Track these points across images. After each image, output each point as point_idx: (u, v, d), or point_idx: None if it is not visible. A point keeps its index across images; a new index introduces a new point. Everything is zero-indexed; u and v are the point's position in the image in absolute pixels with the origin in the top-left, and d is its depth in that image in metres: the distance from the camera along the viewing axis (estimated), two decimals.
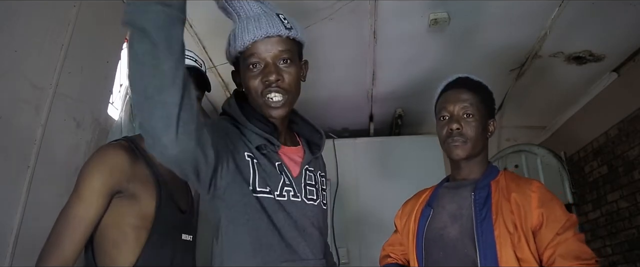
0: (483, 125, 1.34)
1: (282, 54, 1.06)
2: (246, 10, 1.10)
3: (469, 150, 1.30)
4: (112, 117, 2.13)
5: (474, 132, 1.30)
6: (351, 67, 2.89)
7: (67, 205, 1.08)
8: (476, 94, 1.36)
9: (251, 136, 1.05)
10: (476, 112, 1.32)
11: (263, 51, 1.04)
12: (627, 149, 2.87)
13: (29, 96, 1.55)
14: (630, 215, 2.87)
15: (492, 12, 2.35)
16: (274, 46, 1.05)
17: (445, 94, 1.39)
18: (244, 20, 1.09)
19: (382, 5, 2.29)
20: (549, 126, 3.87)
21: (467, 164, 1.35)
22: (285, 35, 1.07)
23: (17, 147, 1.50)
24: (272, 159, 1.06)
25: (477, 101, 1.34)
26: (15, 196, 1.48)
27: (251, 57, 1.05)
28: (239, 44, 1.06)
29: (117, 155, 1.13)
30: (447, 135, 1.32)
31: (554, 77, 3.05)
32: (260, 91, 1.04)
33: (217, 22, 2.43)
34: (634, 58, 2.79)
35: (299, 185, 1.09)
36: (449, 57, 2.82)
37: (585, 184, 3.36)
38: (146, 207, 1.13)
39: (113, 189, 1.10)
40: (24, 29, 1.53)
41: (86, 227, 1.06)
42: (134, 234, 1.10)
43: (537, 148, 3.48)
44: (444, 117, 1.35)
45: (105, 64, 2.03)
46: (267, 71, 1.04)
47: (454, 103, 1.34)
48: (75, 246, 1.04)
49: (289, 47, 1.08)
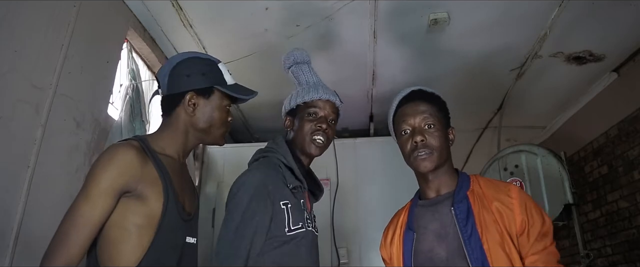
0: (445, 134, 1.32)
1: (332, 115, 1.52)
2: (315, 80, 1.57)
3: (436, 161, 1.27)
4: (112, 117, 2.13)
5: (439, 142, 1.28)
6: (351, 67, 2.89)
7: (74, 204, 1.07)
8: (433, 104, 1.35)
9: (291, 178, 1.39)
10: (436, 122, 1.31)
11: (322, 107, 1.50)
12: (627, 149, 2.87)
13: (29, 96, 1.55)
14: (630, 215, 2.87)
15: (492, 12, 2.35)
16: (330, 108, 1.52)
17: (402, 109, 1.37)
18: (312, 84, 1.55)
19: (382, 5, 2.29)
20: (549, 126, 3.87)
21: (436, 176, 1.31)
22: (338, 105, 1.56)
23: (17, 147, 1.50)
24: (299, 198, 1.41)
25: (435, 111, 1.33)
26: (15, 196, 1.48)
27: (312, 107, 1.49)
28: (307, 97, 1.49)
29: (127, 154, 1.11)
30: (412, 149, 1.29)
31: (554, 77, 3.06)
32: (312, 131, 1.46)
33: (217, 23, 2.44)
34: (634, 58, 2.79)
35: (311, 217, 1.46)
36: (449, 57, 2.82)
37: (585, 184, 3.36)
38: (153, 207, 1.12)
39: (122, 189, 1.09)
40: (24, 29, 1.53)
41: (92, 226, 1.04)
42: (138, 233, 1.09)
43: (537, 148, 3.47)
44: (405, 132, 1.32)
45: (105, 64, 2.03)
46: (320, 120, 1.48)
47: (413, 116, 1.32)
48: (81, 246, 1.03)
49: (337, 113, 1.56)
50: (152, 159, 1.16)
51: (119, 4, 2.16)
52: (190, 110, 1.26)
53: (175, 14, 2.30)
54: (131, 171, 1.10)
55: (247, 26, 2.44)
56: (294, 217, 1.34)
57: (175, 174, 1.22)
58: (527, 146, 3.55)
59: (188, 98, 1.25)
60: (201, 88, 1.27)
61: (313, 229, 1.44)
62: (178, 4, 2.24)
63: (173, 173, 1.20)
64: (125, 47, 2.30)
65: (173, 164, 1.23)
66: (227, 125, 1.33)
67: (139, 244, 1.09)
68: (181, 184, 1.24)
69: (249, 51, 2.60)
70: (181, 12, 2.29)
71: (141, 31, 2.38)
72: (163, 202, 1.13)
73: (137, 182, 1.11)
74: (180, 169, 1.27)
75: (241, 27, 2.44)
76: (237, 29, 2.45)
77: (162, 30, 2.47)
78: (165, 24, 2.40)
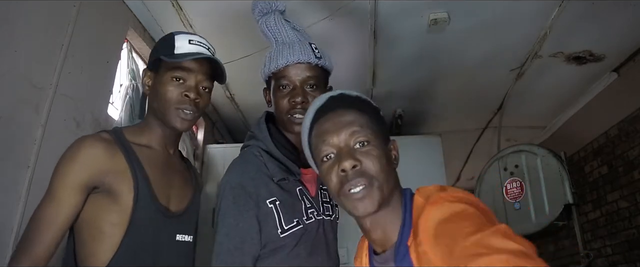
0: (385, 153, 0.89)
1: (309, 79, 1.20)
2: (283, 36, 1.25)
3: (378, 196, 0.84)
4: (112, 117, 2.13)
5: (378, 166, 0.85)
6: (351, 67, 2.89)
7: (39, 205, 1.01)
8: (363, 112, 0.92)
9: (274, 170, 1.17)
10: (372, 136, 0.88)
11: (293, 75, 1.19)
12: (627, 149, 2.87)
13: (29, 96, 1.55)
14: (630, 215, 2.87)
15: (492, 12, 2.35)
16: (304, 71, 1.20)
17: (319, 124, 0.92)
18: (280, 44, 1.24)
19: (382, 5, 2.29)
20: (549, 126, 3.87)
21: (378, 222, 0.88)
22: (314, 63, 1.21)
23: (17, 147, 1.50)
24: (293, 188, 1.19)
25: (368, 121, 0.91)
26: (15, 196, 1.48)
27: (282, 79, 1.19)
28: (273, 66, 1.21)
29: (92, 147, 1.04)
30: (340, 183, 0.85)
31: (554, 77, 3.06)
32: (287, 110, 1.18)
33: (217, 22, 2.44)
34: (634, 58, 2.79)
35: (317, 203, 1.23)
36: (449, 57, 2.82)
37: (585, 184, 3.36)
38: (125, 203, 1.04)
39: (88, 185, 1.03)
40: (24, 29, 1.53)
41: (58, 227, 0.99)
42: (111, 231, 1.03)
43: (537, 148, 3.48)
44: (327, 157, 0.89)
45: (105, 64, 2.03)
46: (294, 93, 1.18)
47: (336, 132, 0.88)
48: (47, 247, 0.98)
49: (316, 74, 1.21)
50: (123, 150, 1.08)
51: (119, 4, 2.16)
52: (147, 90, 1.18)
53: (175, 14, 2.30)
54: (96, 165, 1.03)
55: (247, 26, 2.43)
56: (285, 215, 1.13)
57: (156, 166, 1.13)
58: (527, 146, 3.56)
59: (142, 77, 1.19)
60: (151, 64, 1.18)
61: (324, 216, 1.22)
62: (178, 4, 2.24)
63: (152, 166, 1.12)
64: (125, 47, 2.30)
65: (155, 156, 1.15)
66: (176, 101, 1.11)
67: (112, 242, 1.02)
68: (165, 177, 1.15)
69: (249, 51, 2.60)
70: (181, 12, 2.29)
71: (141, 31, 2.38)
72: (133, 196, 1.05)
73: (104, 176, 1.03)
74: (165, 161, 1.18)
75: (241, 27, 2.44)
76: (237, 29, 2.45)
77: (162, 30, 2.46)
78: (165, 24, 2.40)
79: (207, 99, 1.18)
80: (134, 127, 1.19)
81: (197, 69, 1.14)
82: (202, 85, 1.16)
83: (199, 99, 1.15)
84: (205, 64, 1.17)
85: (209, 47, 1.20)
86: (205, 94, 1.17)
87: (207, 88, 1.18)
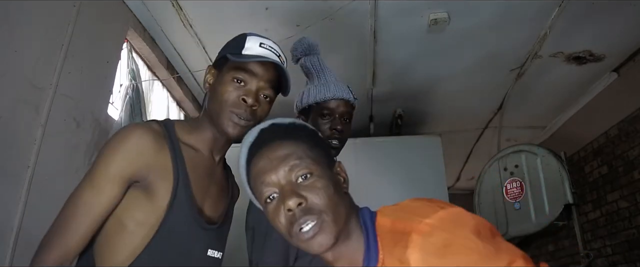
0: (331, 178, 0.83)
1: (346, 114, 1.42)
2: (327, 75, 1.48)
3: (332, 229, 0.78)
4: (112, 117, 2.13)
5: (326, 197, 0.79)
6: (351, 67, 2.89)
7: (77, 190, 0.94)
8: (297, 140, 0.85)
9: None
10: (313, 166, 0.81)
11: (335, 107, 1.41)
12: (627, 149, 2.87)
13: (29, 96, 1.55)
14: (630, 215, 2.87)
15: (492, 12, 2.35)
16: (343, 106, 1.42)
17: (254, 164, 0.84)
18: (323, 80, 1.46)
19: (382, 5, 2.29)
20: (549, 126, 3.87)
21: (339, 253, 0.82)
22: (351, 102, 1.45)
23: (17, 147, 1.50)
24: None
25: (305, 149, 0.83)
26: (15, 196, 1.48)
27: (325, 109, 1.40)
28: (319, 96, 1.41)
29: (142, 138, 0.96)
30: (289, 223, 0.79)
31: (554, 77, 3.06)
32: (328, 136, 1.38)
33: (217, 22, 2.44)
34: (634, 58, 2.79)
35: None
36: (449, 57, 2.82)
37: (585, 184, 3.36)
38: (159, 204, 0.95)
39: (131, 178, 0.95)
40: (24, 29, 1.53)
41: (96, 216, 0.92)
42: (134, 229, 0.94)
43: (537, 148, 3.48)
44: (270, 198, 0.81)
45: (105, 64, 2.03)
46: (335, 122, 1.39)
47: (273, 170, 0.81)
48: (81, 236, 0.91)
49: (350, 110, 1.45)
50: (170, 146, 0.99)
51: (119, 4, 2.16)
52: (206, 87, 1.08)
53: (175, 14, 2.30)
54: (142, 158, 0.95)
55: (247, 26, 2.42)
56: None
57: (200, 171, 1.04)
58: (527, 146, 3.56)
59: (206, 74, 1.08)
60: (216, 61, 1.10)
61: None
62: (178, 4, 2.24)
63: (196, 170, 1.03)
64: (125, 47, 2.30)
65: (200, 159, 1.06)
66: (232, 103, 1.01)
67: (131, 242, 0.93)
68: (206, 185, 1.06)
69: None
70: (181, 12, 2.29)
71: (141, 31, 2.38)
72: (170, 198, 0.96)
73: (149, 171, 0.96)
74: (209, 168, 1.08)
75: (241, 27, 2.42)
76: (237, 29, 2.43)
77: (162, 30, 2.47)
78: (165, 24, 2.40)
79: (266, 109, 1.07)
80: (185, 123, 1.09)
81: (261, 73, 1.04)
82: (263, 92, 1.05)
83: (257, 106, 1.03)
84: (271, 70, 1.06)
85: (279, 54, 1.10)
86: (264, 103, 1.06)
87: (268, 97, 1.06)
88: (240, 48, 1.06)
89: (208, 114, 1.06)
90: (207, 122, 1.06)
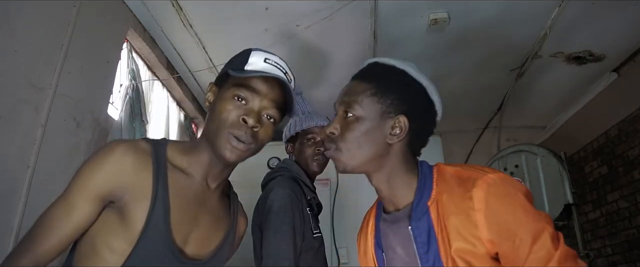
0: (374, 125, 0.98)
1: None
2: (307, 110, 1.79)
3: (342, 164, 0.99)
4: (112, 117, 2.13)
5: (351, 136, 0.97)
6: (351, 67, 2.87)
7: (52, 205, 0.91)
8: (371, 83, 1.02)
9: (307, 191, 1.65)
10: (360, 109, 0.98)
11: (318, 133, 1.71)
12: (627, 149, 2.87)
13: (29, 96, 1.55)
14: (630, 215, 2.88)
15: (492, 12, 2.35)
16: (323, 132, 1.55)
17: None
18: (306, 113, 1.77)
19: (382, 5, 2.29)
20: (549, 126, 3.87)
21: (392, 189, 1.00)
22: None
23: (17, 147, 1.50)
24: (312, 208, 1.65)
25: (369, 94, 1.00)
26: (15, 196, 1.48)
27: (309, 134, 1.72)
28: (304, 125, 1.72)
29: (123, 155, 0.90)
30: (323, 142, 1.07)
31: (554, 77, 3.06)
32: (313, 156, 1.69)
33: (217, 22, 2.44)
34: (634, 58, 2.79)
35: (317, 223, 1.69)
36: (449, 57, 2.82)
37: (585, 184, 3.37)
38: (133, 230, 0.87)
39: (106, 197, 0.88)
40: (24, 29, 1.53)
41: (65, 232, 0.87)
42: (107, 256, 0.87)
43: (537, 148, 3.48)
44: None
45: (105, 64, 2.03)
46: (319, 144, 1.68)
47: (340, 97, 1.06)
48: (48, 251, 0.86)
49: None
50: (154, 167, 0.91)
51: (119, 4, 2.16)
52: (206, 106, 1.00)
53: (175, 14, 2.30)
54: (122, 176, 0.89)
55: (247, 26, 2.44)
56: (314, 223, 1.60)
57: (187, 198, 0.95)
58: (527, 146, 3.56)
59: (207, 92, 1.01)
60: (218, 77, 1.02)
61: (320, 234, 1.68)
62: (178, 4, 2.24)
63: (181, 196, 0.93)
64: (125, 47, 2.30)
65: (188, 184, 0.96)
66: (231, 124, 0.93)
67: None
68: (193, 214, 0.96)
69: None
70: (181, 12, 2.29)
71: (141, 31, 2.38)
72: (143, 225, 0.87)
73: (125, 191, 0.88)
74: (201, 195, 0.98)
75: (241, 27, 2.44)
76: (237, 29, 2.45)
77: (162, 30, 2.47)
78: (165, 24, 2.40)
79: (269, 132, 0.97)
80: (180, 144, 1.01)
81: (265, 91, 0.95)
82: (267, 112, 0.95)
83: (259, 127, 0.94)
84: (276, 88, 0.97)
85: (286, 71, 1.00)
86: (268, 124, 0.96)
87: (272, 118, 0.96)
88: (243, 63, 0.97)
89: (205, 135, 0.97)
90: (204, 144, 0.97)
